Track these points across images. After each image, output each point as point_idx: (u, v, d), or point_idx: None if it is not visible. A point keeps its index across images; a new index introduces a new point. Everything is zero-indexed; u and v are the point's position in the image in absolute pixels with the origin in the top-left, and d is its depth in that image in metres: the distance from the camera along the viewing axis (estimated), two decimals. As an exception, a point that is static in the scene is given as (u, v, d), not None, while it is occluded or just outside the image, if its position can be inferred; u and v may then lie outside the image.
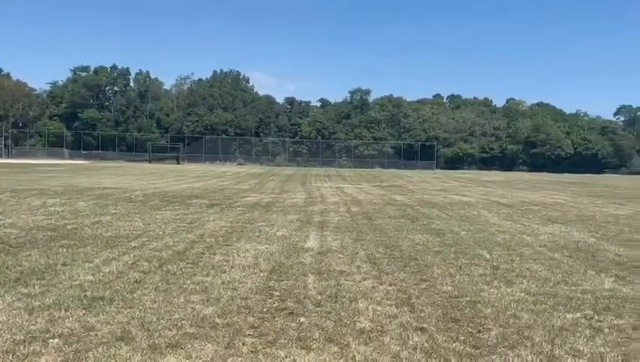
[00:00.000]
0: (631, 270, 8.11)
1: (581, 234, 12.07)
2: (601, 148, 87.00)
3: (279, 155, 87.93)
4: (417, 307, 5.80)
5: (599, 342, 4.80)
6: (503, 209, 17.83)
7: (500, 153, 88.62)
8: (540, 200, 22.44)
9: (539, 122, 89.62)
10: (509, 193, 26.75)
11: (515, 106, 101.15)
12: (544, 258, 8.99)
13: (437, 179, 44.62)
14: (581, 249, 10.00)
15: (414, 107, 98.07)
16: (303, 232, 11.29)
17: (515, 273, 7.73)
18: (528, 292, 6.62)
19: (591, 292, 6.64)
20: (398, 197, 22.59)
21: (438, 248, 9.75)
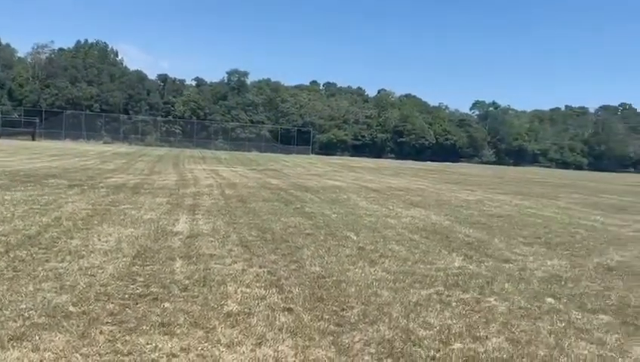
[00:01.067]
0: (477, 249, 9.02)
1: (438, 217, 13.12)
2: (458, 139, 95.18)
3: (150, 135, 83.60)
4: (286, 288, 5.90)
5: (447, 315, 5.28)
6: (371, 193, 18.77)
7: (370, 141, 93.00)
8: (404, 185, 24.00)
9: (406, 113, 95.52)
10: (377, 179, 28.22)
11: (386, 97, 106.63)
12: (405, 239, 9.63)
13: (312, 164, 45.66)
14: (437, 231, 10.87)
15: (292, 92, 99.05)
16: (173, 215, 10.89)
17: (378, 253, 8.18)
18: (389, 271, 7.05)
19: (443, 270, 7.26)
20: (274, 180, 22.72)
21: (309, 230, 9.98)
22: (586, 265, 8.18)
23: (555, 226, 12.40)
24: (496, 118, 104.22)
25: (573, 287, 6.72)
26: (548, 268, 7.83)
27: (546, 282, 6.92)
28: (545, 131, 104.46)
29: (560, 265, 8.10)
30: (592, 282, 7.05)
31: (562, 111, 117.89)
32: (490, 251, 8.90)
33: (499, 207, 16.42)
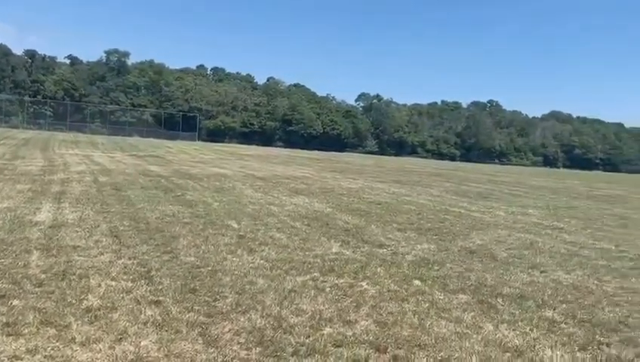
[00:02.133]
0: (355, 235, 9.31)
1: (320, 204, 13.36)
2: (344, 130, 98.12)
3: (15, 116, 75.80)
4: (156, 280, 5.61)
5: (320, 301, 5.35)
6: (257, 182, 18.65)
7: (259, 129, 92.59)
8: (290, 174, 24.18)
9: (295, 102, 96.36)
10: (264, 167, 28.13)
11: (275, 85, 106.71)
12: (286, 227, 9.66)
13: (197, 150, 44.34)
14: (318, 218, 11.06)
15: (177, 76, 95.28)
16: (35, 204, 9.92)
17: (258, 241, 8.11)
18: (267, 259, 7.01)
19: (321, 257, 7.38)
20: (154, 167, 21.69)
21: (188, 219, 9.63)
22: (451, 248, 8.79)
23: (427, 213, 13.20)
24: (380, 111, 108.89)
25: (439, 270, 7.17)
26: (418, 252, 8.29)
27: (415, 265, 7.31)
28: (423, 124, 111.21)
29: (429, 249, 8.61)
30: (455, 264, 7.58)
31: (439, 106, 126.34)
32: (367, 237, 9.23)
33: (378, 194, 17.14)
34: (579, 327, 5.14)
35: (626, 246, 10.17)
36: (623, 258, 8.98)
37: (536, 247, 9.40)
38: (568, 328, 5.11)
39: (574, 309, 5.73)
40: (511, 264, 7.86)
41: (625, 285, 7.00)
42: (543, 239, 10.36)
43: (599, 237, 11.14)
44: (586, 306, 5.89)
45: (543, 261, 8.25)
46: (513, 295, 6.14)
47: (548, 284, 6.78)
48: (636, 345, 4.74)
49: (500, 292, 6.23)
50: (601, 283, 7.06)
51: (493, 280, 6.82)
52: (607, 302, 6.10)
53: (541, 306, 5.77)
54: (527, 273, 7.33)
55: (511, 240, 10.04)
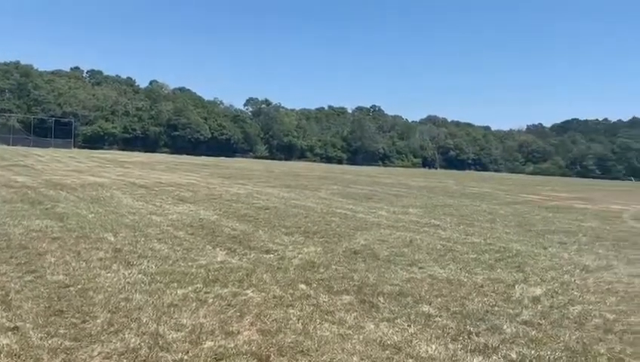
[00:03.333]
0: (241, 242, 9.14)
1: (207, 212, 12.99)
2: (233, 135, 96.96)
3: None
4: (15, 304, 5.04)
5: (202, 313, 5.15)
6: (139, 190, 17.70)
7: (142, 134, 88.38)
8: (175, 180, 23.29)
9: (180, 106, 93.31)
10: (147, 174, 26.82)
11: (158, 89, 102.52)
12: (169, 237, 9.23)
13: (72, 158, 41.16)
14: (204, 226, 10.72)
15: (47, 78, 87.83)
16: None
17: (137, 254, 7.65)
18: (146, 272, 6.62)
19: (205, 267, 7.13)
20: (20, 178, 19.72)
21: (57, 234, 8.83)
22: (336, 250, 8.96)
23: (314, 216, 13.38)
24: (269, 115, 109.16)
25: (324, 272, 7.26)
26: (304, 255, 8.34)
27: (302, 269, 7.34)
28: (311, 129, 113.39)
29: (315, 251, 8.71)
30: (340, 266, 7.73)
31: (326, 111, 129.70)
32: (254, 243, 9.11)
33: (267, 199, 17.08)
34: (452, 319, 5.46)
35: (493, 240, 11.10)
36: (490, 250, 9.76)
37: (415, 245, 9.90)
38: (442, 321, 5.41)
39: (448, 302, 6.09)
40: (392, 262, 8.19)
41: (492, 276, 7.60)
42: (421, 236, 10.96)
43: (470, 232, 12.03)
44: (458, 298, 6.29)
45: (421, 257, 8.70)
46: (393, 292, 6.38)
47: (425, 280, 7.15)
48: (501, 332, 5.14)
49: (381, 290, 6.45)
50: (471, 275, 7.59)
51: (375, 279, 7.04)
52: (477, 293, 6.57)
53: (418, 301, 6.06)
54: (406, 270, 7.68)
55: (392, 238, 10.48)
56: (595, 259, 9.55)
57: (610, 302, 6.51)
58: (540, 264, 8.76)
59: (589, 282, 7.58)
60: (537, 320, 5.60)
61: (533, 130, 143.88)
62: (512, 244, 10.61)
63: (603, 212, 20.22)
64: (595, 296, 6.78)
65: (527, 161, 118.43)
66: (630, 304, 6.44)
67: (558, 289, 7.05)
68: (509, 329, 5.25)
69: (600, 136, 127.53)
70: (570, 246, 10.97)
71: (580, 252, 10.25)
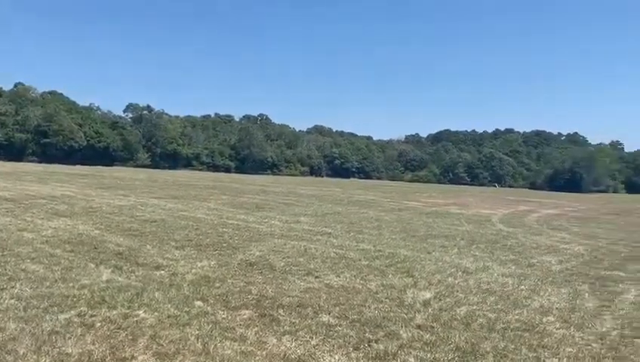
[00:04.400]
0: (128, 259, 8.57)
1: (86, 226, 12.03)
2: (112, 142, 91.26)
3: None
4: None
5: (89, 339, 4.72)
6: (4, 204, 15.94)
7: (6, 141, 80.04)
8: (47, 192, 21.31)
9: (51, 112, 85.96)
10: (13, 186, 24.26)
11: (25, 92, 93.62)
12: (44, 255, 8.40)
13: None
14: (84, 242, 9.91)
15: None
16: None
17: (7, 277, 6.85)
18: (20, 297, 5.95)
19: (88, 287, 6.56)
20: None
21: None
22: (231, 263, 8.75)
23: (205, 228, 12.97)
24: (151, 122, 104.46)
25: (220, 286, 7.04)
26: (198, 270, 8.03)
27: (196, 285, 7.05)
28: (197, 136, 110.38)
29: (209, 265, 8.42)
30: (236, 279, 7.55)
31: (212, 118, 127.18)
32: (142, 259, 8.59)
33: (153, 211, 16.26)
34: (351, 328, 5.56)
35: (382, 246, 11.55)
36: (380, 256, 10.14)
37: (309, 254, 9.99)
38: (343, 330, 5.48)
39: (346, 310, 6.20)
40: (289, 272, 8.17)
41: (385, 282, 7.89)
42: (315, 245, 11.09)
43: (361, 239, 12.43)
44: (356, 306, 6.43)
45: (316, 266, 8.79)
46: (293, 304, 6.36)
47: (322, 289, 7.22)
48: (398, 338, 5.33)
49: (280, 303, 6.39)
50: (365, 282, 7.82)
51: (274, 291, 6.98)
52: (372, 300, 6.77)
53: (318, 312, 6.09)
54: (303, 280, 7.71)
55: (287, 248, 10.48)
56: (473, 261, 10.33)
57: (490, 301, 7.06)
58: (426, 268, 9.27)
59: (471, 283, 8.17)
60: (430, 323, 5.89)
61: (411, 140, 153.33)
62: (399, 250, 11.12)
63: (475, 216, 22.00)
64: (477, 296, 7.31)
65: (406, 170, 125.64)
66: (507, 302, 7.03)
67: (445, 291, 7.50)
68: (405, 334, 5.46)
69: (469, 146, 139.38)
70: (450, 249, 11.75)
71: (459, 255, 11.02)
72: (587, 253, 12.29)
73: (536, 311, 6.67)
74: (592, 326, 6.08)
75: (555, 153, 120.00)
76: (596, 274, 9.50)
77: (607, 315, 6.62)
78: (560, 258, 11.33)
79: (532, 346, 5.27)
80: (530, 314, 6.47)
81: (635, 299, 7.65)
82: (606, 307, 7.07)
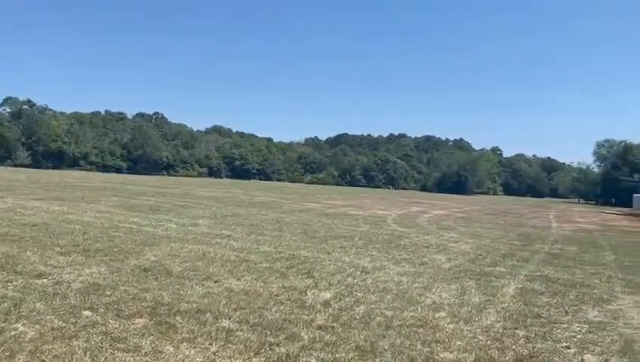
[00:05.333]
0: (4, 267, 7.77)
1: (-47, 232, 10.74)
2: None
3: None
4: None
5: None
6: None
7: None
8: None
9: None
10: None
11: None
12: None
13: None
14: (-50, 249, 8.83)
15: None
16: None
17: None
18: None
19: (-45, 300, 5.84)
20: None
21: None
22: (124, 269, 8.25)
23: (94, 232, 12.14)
24: (32, 118, 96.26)
25: (111, 294, 6.60)
26: (86, 277, 7.47)
27: (84, 293, 6.55)
28: (85, 135, 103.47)
29: (99, 272, 7.88)
30: (129, 286, 7.12)
31: (102, 115, 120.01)
32: (21, 267, 7.83)
33: (34, 214, 14.92)
34: (252, 332, 5.46)
35: (283, 248, 11.55)
36: (281, 258, 10.13)
37: (208, 257, 9.71)
38: (243, 334, 5.37)
39: (247, 314, 6.09)
40: (186, 278, 7.87)
41: (286, 284, 7.87)
42: (214, 248, 10.81)
43: (261, 242, 12.33)
44: (257, 309, 6.34)
45: (215, 270, 8.56)
46: (191, 310, 6.12)
47: (222, 293, 7.04)
48: (299, 340, 5.32)
49: (177, 309, 6.13)
50: (266, 284, 7.75)
51: (170, 297, 6.68)
52: (274, 303, 6.72)
53: (218, 317, 5.92)
54: (202, 285, 7.46)
55: (184, 252, 10.11)
56: (370, 260, 10.66)
57: (387, 300, 7.31)
58: (326, 269, 9.40)
59: (369, 283, 8.41)
60: (330, 323, 5.96)
61: (310, 142, 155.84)
62: (300, 251, 11.19)
63: (371, 217, 22.80)
64: (374, 295, 7.53)
65: (306, 172, 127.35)
66: (402, 300, 7.32)
67: (345, 291, 7.65)
68: (306, 335, 5.47)
69: (365, 149, 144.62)
70: (349, 250, 12.04)
71: (358, 255, 11.32)
72: (472, 251, 13.21)
73: (429, 307, 7.02)
74: (479, 320, 6.51)
75: (443, 157, 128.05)
76: (481, 271, 10.23)
77: (491, 309, 7.14)
78: (449, 256, 12.06)
79: (426, 341, 5.52)
80: (423, 311, 6.79)
81: (514, 293, 8.33)
82: (490, 301, 7.62)
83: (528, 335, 6.00)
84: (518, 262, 11.76)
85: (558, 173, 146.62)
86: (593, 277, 10.44)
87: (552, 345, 5.72)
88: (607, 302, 8.09)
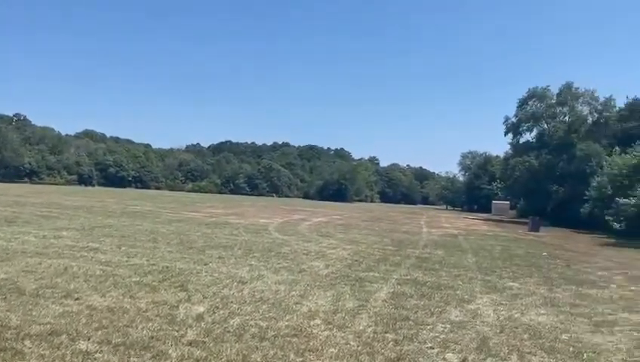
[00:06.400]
0: None
1: None
2: None
3: None
4: None
5: None
6: None
7: None
8: None
9: None
10: None
11: None
12: None
13: None
14: None
15: None
16: None
17: None
18: None
19: None
20: None
21: None
22: (-36, 289, 7.23)
23: None
24: None
25: (-55, 320, 5.72)
26: None
27: None
28: None
29: None
30: (-31, 309, 6.24)
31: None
32: None
33: None
34: (114, 353, 5.04)
35: (156, 260, 10.94)
36: (153, 271, 9.57)
37: (70, 273, 8.89)
38: (103, 356, 4.94)
39: (109, 334, 5.61)
40: (42, 296, 7.11)
41: (156, 298, 7.43)
42: (77, 262, 9.93)
43: (133, 254, 11.58)
44: (121, 328, 5.88)
45: (77, 286, 7.85)
46: (43, 332, 5.51)
47: (82, 312, 6.44)
48: (167, 358, 5.01)
49: (27, 332, 5.49)
50: (134, 300, 7.25)
51: (20, 319, 5.97)
52: (141, 319, 6.28)
53: (75, 338, 5.39)
54: (59, 303, 6.78)
55: (42, 268, 9.16)
56: (249, 270, 10.48)
57: (263, 310, 7.19)
58: (202, 280, 9.05)
59: (245, 293, 8.23)
60: (201, 338, 5.71)
61: (192, 149, 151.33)
62: (175, 263, 10.68)
63: (253, 226, 22.58)
64: (250, 306, 7.38)
65: (187, 179, 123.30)
66: (278, 310, 7.26)
67: (219, 304, 7.40)
68: (174, 353, 5.18)
69: (249, 157, 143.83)
70: (227, 260, 11.75)
71: (236, 265, 11.08)
72: (350, 257, 13.60)
73: (305, 315, 7.03)
74: (352, 326, 6.64)
75: (325, 166, 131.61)
76: (356, 276, 10.53)
77: (363, 314, 7.33)
78: (327, 262, 12.28)
79: (299, 350, 5.49)
80: (299, 319, 6.78)
81: (385, 297, 8.66)
82: (363, 306, 7.83)
83: (397, 338, 6.24)
84: (391, 267, 12.31)
85: (429, 181, 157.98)
86: (457, 278, 11.24)
87: (418, 346, 6.00)
88: (468, 302, 8.73)
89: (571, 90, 56.38)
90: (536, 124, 58.73)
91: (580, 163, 48.66)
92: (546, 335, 6.83)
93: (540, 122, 58.37)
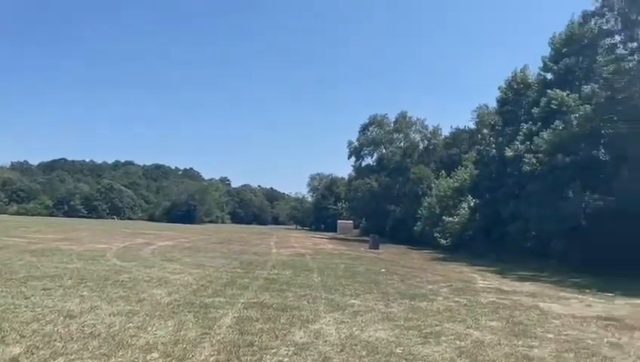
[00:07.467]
0: None
1: None
2: None
3: None
4: None
5: None
6: None
7: None
8: None
9: None
10: None
11: None
12: None
13: None
14: None
15: None
16: None
17: None
18: None
19: None
20: None
21: None
22: None
23: None
24: None
25: None
26: None
27: None
28: None
29: None
30: None
31: None
32: None
33: None
34: None
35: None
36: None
37: None
38: None
39: None
40: None
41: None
42: None
43: None
44: None
45: None
46: None
47: None
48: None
49: None
50: None
51: None
52: None
53: None
54: None
55: None
56: (79, 302, 9.50)
57: (93, 346, 6.52)
58: (20, 317, 7.97)
59: (73, 329, 7.41)
60: (14, 386, 4.96)
61: (18, 167, 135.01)
62: (-13, 299, 9.26)
63: (88, 252, 20.66)
64: (78, 343, 6.64)
65: (11, 201, 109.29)
66: (111, 345, 6.64)
67: (40, 343, 6.55)
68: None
69: (87, 176, 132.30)
70: (54, 291, 10.53)
71: (64, 297, 9.98)
72: (195, 282, 13.09)
73: (141, 349, 6.53)
74: (192, 357, 6.33)
75: (172, 186, 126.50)
76: (201, 302, 10.13)
77: (206, 342, 7.04)
78: (170, 289, 11.66)
79: (132, 389, 5.05)
80: (134, 354, 6.27)
81: (230, 322, 8.45)
82: (206, 334, 7.53)
83: (240, 365, 6.09)
84: (238, 290, 12.10)
85: (279, 202, 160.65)
86: (302, 299, 11.43)
87: (261, 371, 5.91)
88: (312, 322, 8.89)
89: (405, 119, 62.33)
90: (377, 149, 63.64)
91: (414, 185, 53.72)
92: (382, 351, 7.20)
93: (379, 147, 63.35)
